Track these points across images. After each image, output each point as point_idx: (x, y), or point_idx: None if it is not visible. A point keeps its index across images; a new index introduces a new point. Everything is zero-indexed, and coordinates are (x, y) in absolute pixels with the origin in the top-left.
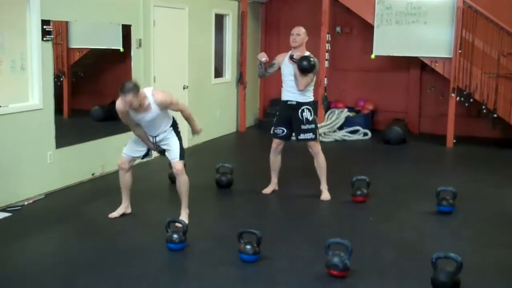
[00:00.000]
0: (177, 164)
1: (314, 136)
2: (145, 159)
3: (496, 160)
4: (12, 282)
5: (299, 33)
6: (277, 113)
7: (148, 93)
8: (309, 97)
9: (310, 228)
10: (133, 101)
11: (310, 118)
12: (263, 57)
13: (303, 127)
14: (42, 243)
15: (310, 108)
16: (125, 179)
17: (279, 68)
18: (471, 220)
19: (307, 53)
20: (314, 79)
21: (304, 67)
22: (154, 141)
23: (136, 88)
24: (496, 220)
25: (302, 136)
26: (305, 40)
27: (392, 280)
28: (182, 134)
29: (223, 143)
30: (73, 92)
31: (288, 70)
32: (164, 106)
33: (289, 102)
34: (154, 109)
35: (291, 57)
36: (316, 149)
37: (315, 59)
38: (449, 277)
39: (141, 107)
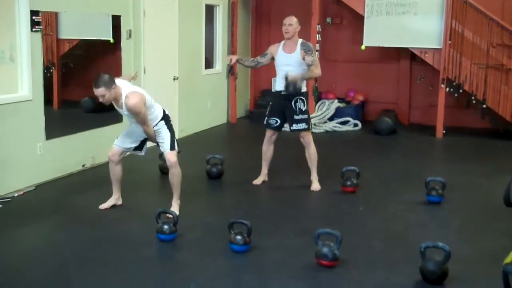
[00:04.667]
0: (170, 156)
1: (307, 126)
2: (137, 153)
3: (485, 150)
4: (1, 274)
5: (291, 23)
6: (270, 103)
7: (124, 91)
8: (302, 87)
9: (300, 218)
10: (105, 94)
11: (303, 108)
12: (231, 61)
13: (296, 117)
14: (32, 234)
15: (304, 98)
16: (116, 171)
17: (272, 58)
18: (460, 210)
19: (300, 41)
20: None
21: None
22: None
23: (109, 82)
24: (484, 210)
25: (295, 127)
26: (297, 29)
27: (381, 269)
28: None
29: (214, 134)
30: (63, 83)
31: (282, 60)
32: (131, 113)
33: (282, 93)
34: (125, 109)
35: (286, 79)
36: (308, 139)
37: (309, 44)
38: (438, 266)
39: (117, 102)
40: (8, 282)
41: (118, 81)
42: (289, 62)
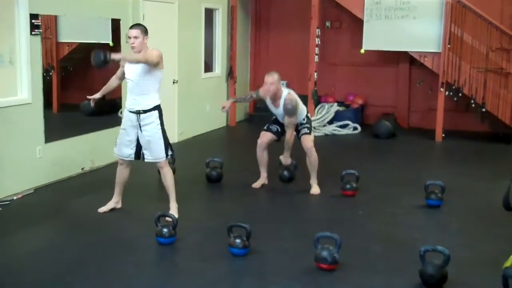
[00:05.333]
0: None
1: (308, 131)
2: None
3: (485, 154)
4: (1, 278)
5: (272, 82)
6: (273, 117)
7: (149, 46)
8: (302, 110)
9: (300, 222)
10: (139, 37)
11: (304, 122)
12: (226, 108)
13: (299, 127)
14: (31, 238)
15: (306, 120)
16: (123, 174)
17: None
18: (459, 213)
19: (283, 97)
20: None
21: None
22: (139, 121)
23: (146, 31)
24: (484, 214)
25: (301, 133)
26: (279, 85)
27: (381, 273)
28: (167, 131)
29: (213, 138)
30: (62, 86)
31: (273, 110)
32: (150, 56)
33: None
34: (143, 54)
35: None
36: (309, 144)
37: (289, 106)
38: (437, 270)
39: (139, 51)
40: (7, 286)
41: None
42: (278, 113)
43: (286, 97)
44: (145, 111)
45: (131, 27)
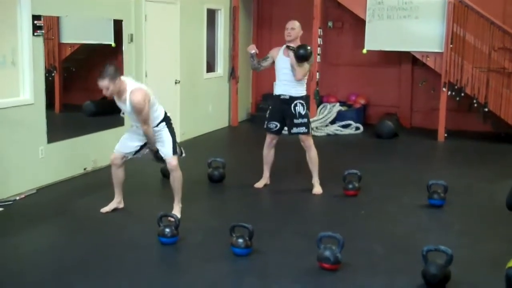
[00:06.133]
0: (171, 160)
1: (306, 130)
2: (135, 156)
3: (487, 154)
4: (3, 278)
5: (294, 27)
6: (270, 107)
7: (129, 87)
8: (301, 91)
9: (302, 222)
10: (109, 86)
11: (303, 112)
12: (253, 49)
13: (295, 121)
14: (34, 238)
15: (303, 102)
16: (117, 175)
17: (273, 62)
18: (462, 213)
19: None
20: (309, 70)
21: (301, 54)
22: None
23: (114, 75)
24: (486, 214)
25: (294, 130)
26: (299, 34)
27: (383, 272)
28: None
29: (215, 138)
30: (65, 87)
31: (282, 64)
32: (134, 110)
33: (282, 96)
34: (128, 106)
35: (288, 47)
36: (308, 143)
37: (311, 48)
38: (440, 270)
39: (120, 96)
40: (8, 285)
41: (123, 77)
42: (287, 65)
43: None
44: (155, 126)
45: (99, 77)
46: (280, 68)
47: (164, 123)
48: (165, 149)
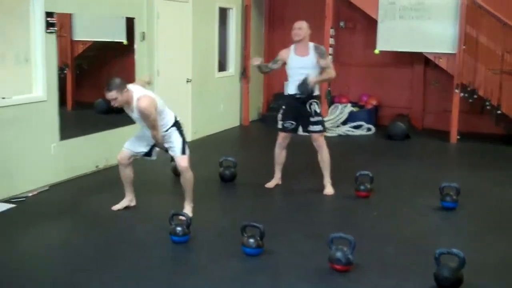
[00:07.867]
0: (182, 161)
1: (322, 128)
2: (147, 159)
3: (500, 156)
4: (16, 274)
5: (301, 27)
6: (283, 107)
7: (136, 94)
8: (316, 90)
9: (313, 222)
10: (117, 97)
11: (318, 111)
12: (256, 61)
13: (312, 119)
14: (45, 234)
15: (317, 101)
16: (126, 174)
17: (283, 64)
18: (475, 216)
19: (311, 44)
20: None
21: (302, 91)
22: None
23: (121, 86)
24: (499, 217)
25: (311, 128)
26: (307, 33)
27: (395, 275)
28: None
29: (227, 137)
30: (77, 84)
31: (296, 63)
32: (142, 116)
33: (297, 95)
34: (136, 113)
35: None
36: (320, 142)
37: (321, 47)
38: (452, 273)
39: (128, 105)
40: (20, 282)
41: (130, 85)
42: (304, 65)
43: (315, 44)
44: (164, 131)
45: (106, 90)
46: (294, 68)
47: (174, 128)
48: (175, 149)
